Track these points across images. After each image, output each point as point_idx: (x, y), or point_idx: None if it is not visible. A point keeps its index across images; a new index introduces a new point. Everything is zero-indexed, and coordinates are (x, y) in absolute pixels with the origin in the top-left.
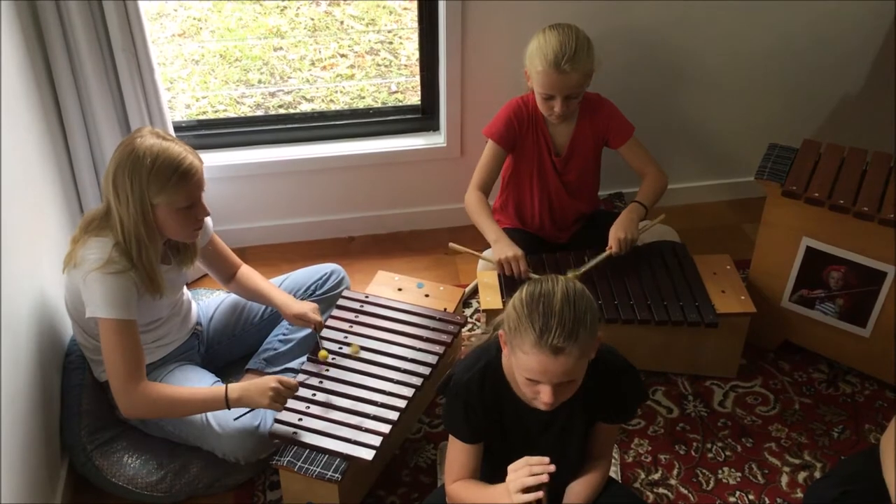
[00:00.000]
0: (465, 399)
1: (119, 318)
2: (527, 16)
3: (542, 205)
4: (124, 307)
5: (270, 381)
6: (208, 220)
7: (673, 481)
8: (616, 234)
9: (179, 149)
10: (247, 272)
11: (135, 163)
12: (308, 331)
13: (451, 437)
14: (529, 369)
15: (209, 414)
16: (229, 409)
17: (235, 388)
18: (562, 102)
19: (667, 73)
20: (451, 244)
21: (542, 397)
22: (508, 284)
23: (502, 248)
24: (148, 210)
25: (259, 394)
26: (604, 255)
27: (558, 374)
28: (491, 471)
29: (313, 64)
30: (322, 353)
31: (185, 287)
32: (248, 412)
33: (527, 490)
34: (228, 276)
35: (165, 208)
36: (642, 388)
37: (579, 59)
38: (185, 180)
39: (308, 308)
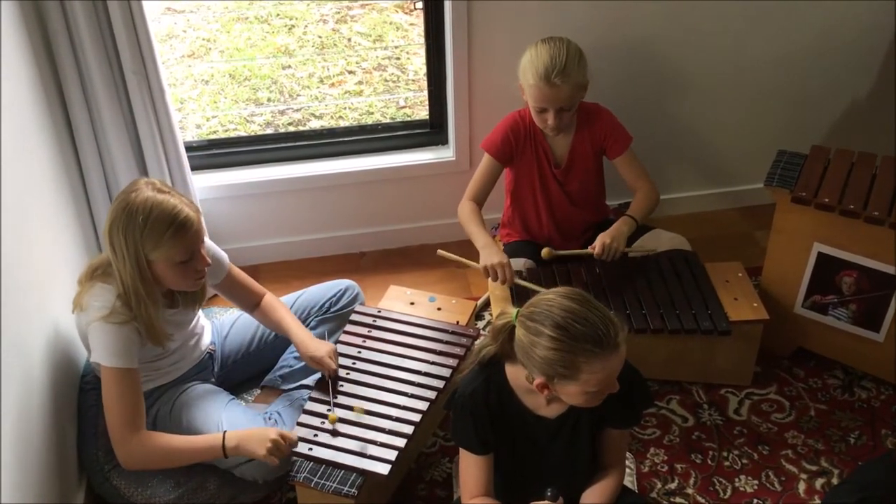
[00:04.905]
0: (471, 409)
1: (120, 366)
2: (533, 29)
3: (547, 216)
4: (125, 356)
5: (271, 432)
6: (223, 255)
7: (690, 490)
8: (603, 238)
9: (175, 201)
10: (271, 302)
11: (128, 219)
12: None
13: (462, 452)
14: (604, 375)
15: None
16: (226, 457)
17: (233, 436)
18: (555, 115)
19: (674, 82)
20: (439, 251)
21: (610, 389)
22: (521, 297)
23: (489, 254)
24: (144, 267)
25: (258, 443)
26: (584, 251)
27: (619, 366)
28: (502, 483)
29: (322, 81)
30: (332, 416)
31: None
32: (248, 461)
33: None
34: (252, 305)
35: (163, 263)
36: (648, 392)
37: (570, 72)
38: (180, 234)
39: (325, 352)
